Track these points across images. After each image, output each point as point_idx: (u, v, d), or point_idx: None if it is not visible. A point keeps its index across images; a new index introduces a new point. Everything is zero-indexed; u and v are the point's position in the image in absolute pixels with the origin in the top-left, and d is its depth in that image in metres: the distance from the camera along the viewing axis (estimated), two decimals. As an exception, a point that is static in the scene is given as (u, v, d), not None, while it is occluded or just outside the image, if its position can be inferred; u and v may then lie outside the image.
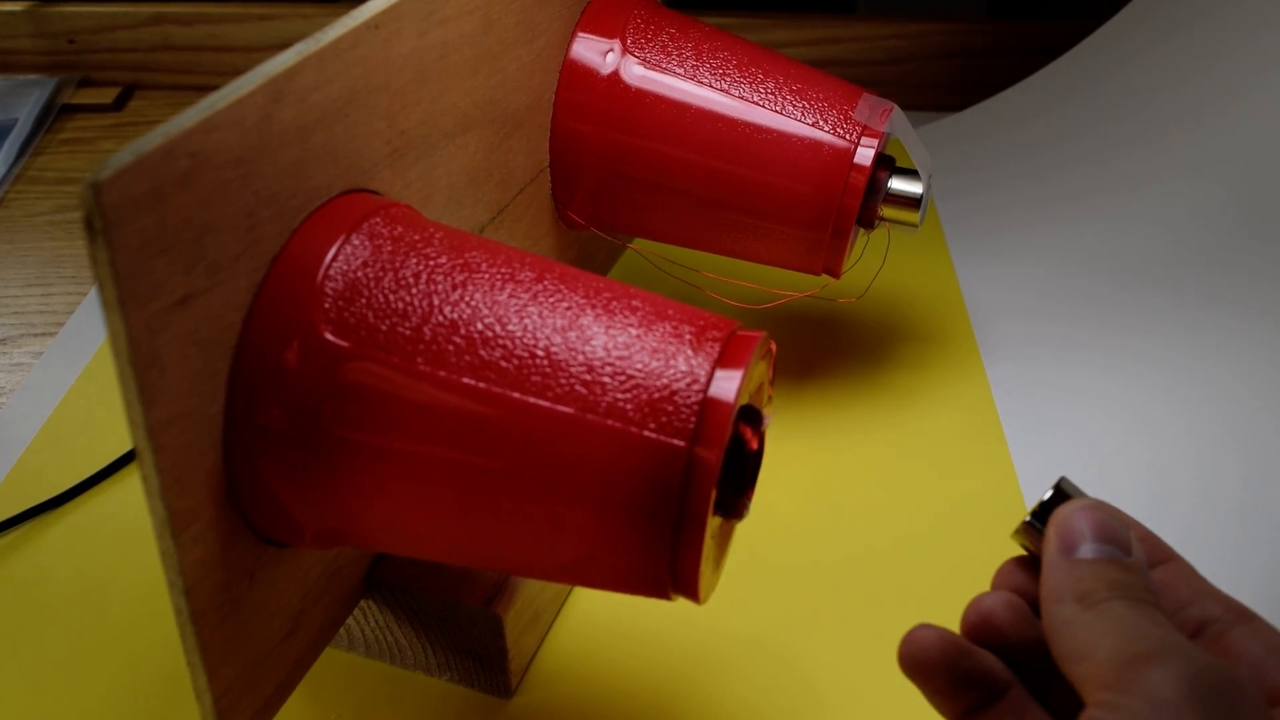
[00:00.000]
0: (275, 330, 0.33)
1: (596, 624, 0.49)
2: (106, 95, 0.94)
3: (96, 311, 0.70)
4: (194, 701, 0.46)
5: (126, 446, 0.58)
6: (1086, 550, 0.31)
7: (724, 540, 0.37)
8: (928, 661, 0.32)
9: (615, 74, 0.52)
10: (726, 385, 0.32)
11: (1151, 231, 0.67)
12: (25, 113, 0.90)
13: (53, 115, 0.92)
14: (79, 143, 0.89)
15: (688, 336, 0.34)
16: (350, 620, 0.46)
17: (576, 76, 0.52)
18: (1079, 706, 0.28)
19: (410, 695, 0.46)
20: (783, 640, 0.48)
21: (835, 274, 0.54)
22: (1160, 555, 0.34)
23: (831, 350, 0.63)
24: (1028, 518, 0.33)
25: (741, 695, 0.46)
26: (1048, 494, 0.33)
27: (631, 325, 0.34)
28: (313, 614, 0.41)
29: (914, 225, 0.54)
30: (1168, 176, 0.69)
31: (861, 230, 0.55)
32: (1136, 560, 0.31)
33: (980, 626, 0.33)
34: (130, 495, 0.56)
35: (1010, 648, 0.33)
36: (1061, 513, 0.32)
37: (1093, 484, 0.54)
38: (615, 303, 0.34)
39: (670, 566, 0.33)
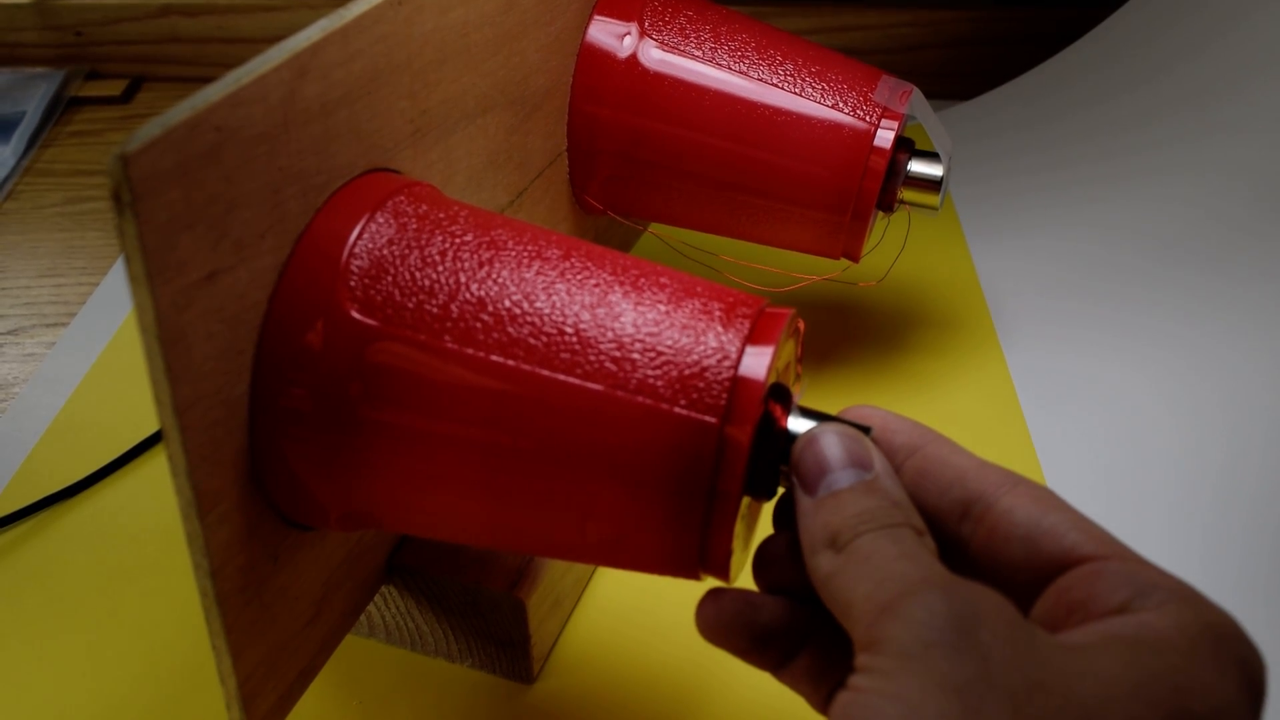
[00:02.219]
0: (301, 309, 0.33)
1: (616, 610, 0.48)
2: (114, 88, 0.94)
3: (109, 302, 0.69)
4: (210, 690, 0.46)
5: (140, 436, 0.58)
6: (828, 483, 0.30)
7: (752, 520, 0.36)
8: (723, 626, 0.31)
9: (633, 57, 0.52)
10: (758, 361, 0.32)
11: (1165, 212, 0.66)
12: (33, 106, 0.90)
13: (61, 108, 0.92)
14: (88, 135, 0.89)
15: (717, 313, 0.33)
16: (371, 607, 0.46)
17: (594, 60, 0.52)
18: None
19: (432, 682, 0.46)
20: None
21: (854, 258, 0.54)
22: (917, 440, 0.31)
23: (849, 335, 0.63)
24: (777, 461, 0.32)
25: (761, 681, 0.45)
26: (787, 425, 0.31)
27: (660, 302, 0.33)
28: (335, 599, 0.40)
29: (934, 208, 0.54)
30: (1180, 159, 0.69)
31: (880, 213, 0.54)
32: (878, 475, 0.30)
33: (771, 574, 0.32)
34: (144, 485, 0.56)
35: (808, 587, 0.31)
36: (795, 452, 0.31)
37: (1114, 461, 0.53)
38: (643, 279, 0.34)
39: (700, 546, 0.33)
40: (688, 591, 0.48)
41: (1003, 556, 0.29)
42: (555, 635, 0.47)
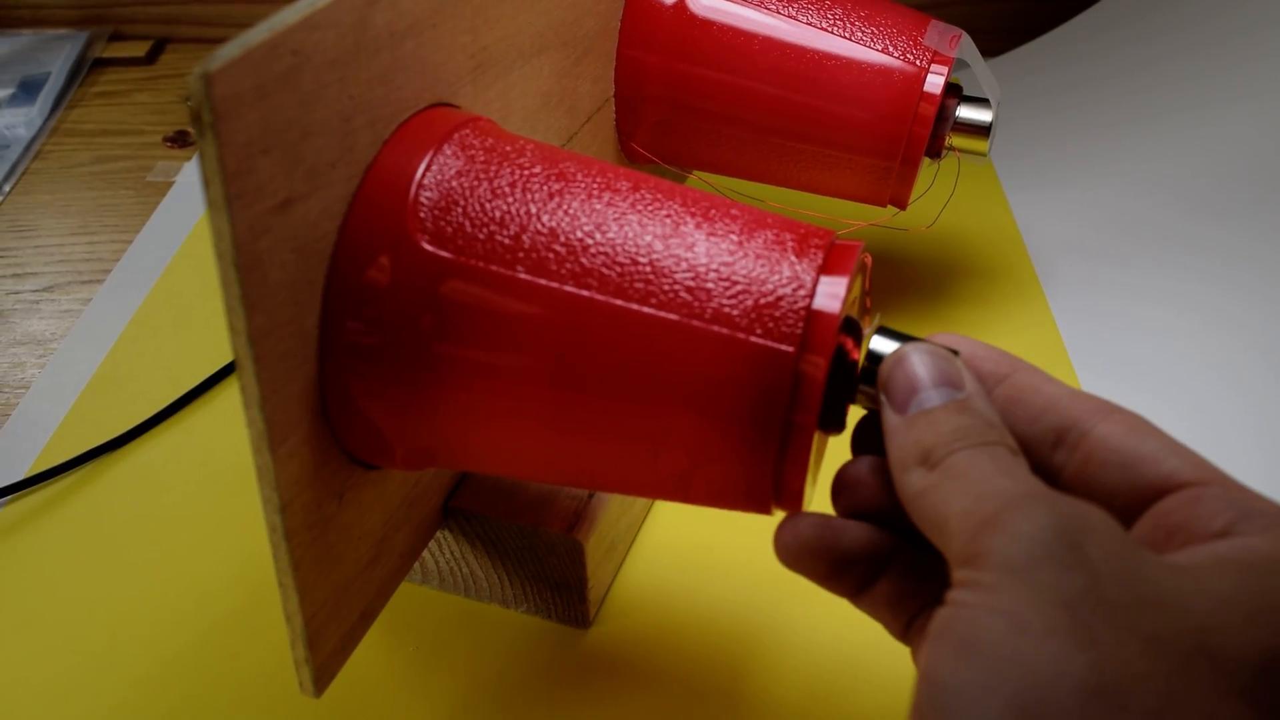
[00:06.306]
0: (371, 240, 0.33)
1: (670, 554, 0.48)
2: (139, 49, 0.93)
3: (144, 258, 0.69)
4: (259, 636, 0.46)
5: (180, 390, 0.58)
6: (919, 401, 0.29)
7: (819, 456, 0.36)
8: (803, 551, 0.31)
9: (681, 2, 0.51)
10: (833, 290, 0.32)
11: (1206, 159, 0.66)
12: (58, 66, 0.90)
13: (85, 69, 0.91)
14: (113, 96, 0.88)
15: (790, 244, 0.33)
16: (426, 553, 0.46)
17: (641, 4, 0.51)
18: None
19: (487, 627, 0.46)
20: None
21: (902, 205, 0.54)
22: (1005, 368, 0.31)
23: (894, 283, 0.63)
24: (858, 383, 0.31)
25: (816, 623, 0.45)
26: (870, 346, 0.31)
27: (733, 232, 0.33)
28: (395, 540, 0.40)
29: (982, 155, 0.53)
30: (1219, 107, 0.68)
31: (926, 160, 0.54)
32: (970, 395, 0.29)
33: (851, 498, 0.32)
34: (187, 438, 0.56)
35: (889, 510, 0.31)
36: (884, 371, 0.30)
37: (1163, 405, 0.53)
38: (714, 211, 0.34)
39: (775, 477, 0.32)
40: (740, 535, 0.48)
41: (1097, 483, 0.28)
42: (610, 579, 0.47)
